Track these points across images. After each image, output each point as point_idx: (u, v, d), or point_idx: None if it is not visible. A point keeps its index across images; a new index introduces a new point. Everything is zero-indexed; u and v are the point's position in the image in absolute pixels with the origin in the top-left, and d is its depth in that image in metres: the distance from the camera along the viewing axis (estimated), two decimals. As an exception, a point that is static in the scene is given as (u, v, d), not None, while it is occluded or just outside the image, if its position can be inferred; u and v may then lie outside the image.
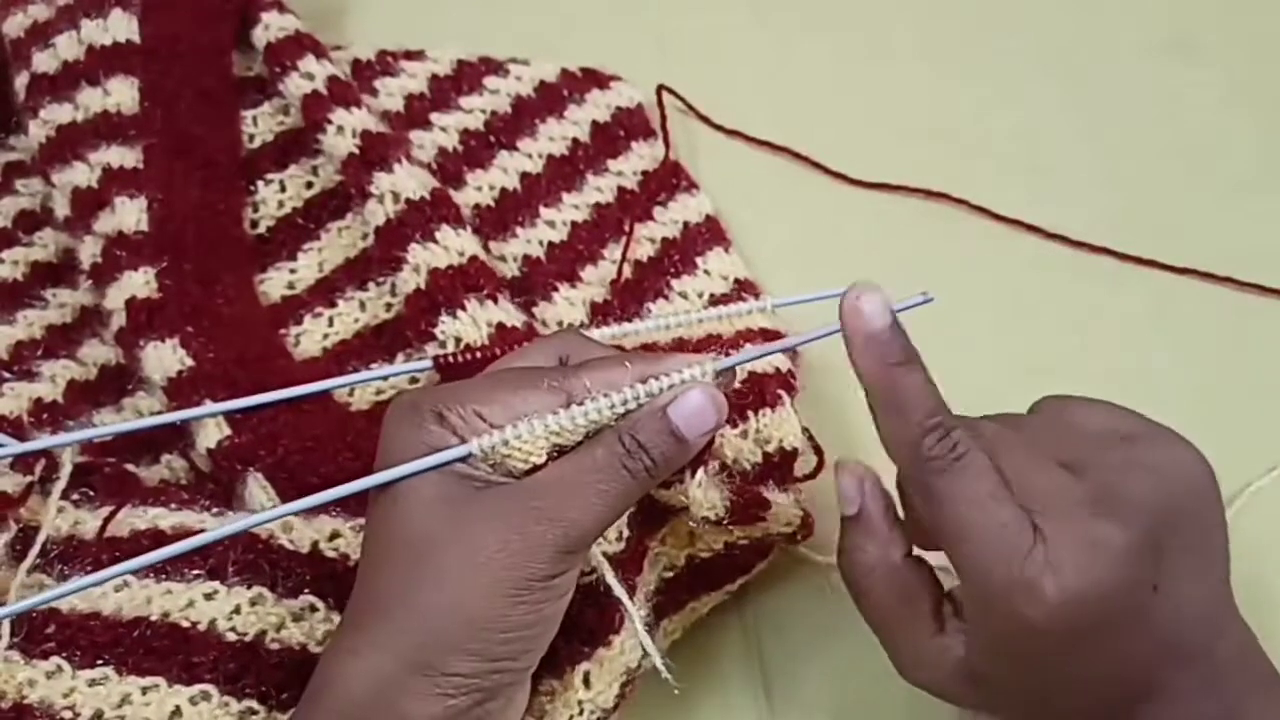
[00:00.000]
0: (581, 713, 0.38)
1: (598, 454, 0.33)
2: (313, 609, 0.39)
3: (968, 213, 0.56)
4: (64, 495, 0.41)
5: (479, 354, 0.43)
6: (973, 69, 0.62)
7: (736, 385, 0.40)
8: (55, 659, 0.37)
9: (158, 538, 0.40)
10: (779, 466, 0.43)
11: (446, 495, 0.33)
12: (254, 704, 0.37)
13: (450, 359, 0.43)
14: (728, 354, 0.45)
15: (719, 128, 0.59)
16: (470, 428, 0.33)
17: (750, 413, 0.41)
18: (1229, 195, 0.57)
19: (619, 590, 0.37)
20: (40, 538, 0.40)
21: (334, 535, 0.40)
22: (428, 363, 0.43)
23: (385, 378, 0.48)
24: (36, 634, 0.37)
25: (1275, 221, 0.56)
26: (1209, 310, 0.53)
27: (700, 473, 0.37)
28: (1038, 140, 0.59)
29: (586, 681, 0.38)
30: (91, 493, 0.43)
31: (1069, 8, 0.64)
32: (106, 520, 0.41)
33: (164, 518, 0.41)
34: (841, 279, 0.43)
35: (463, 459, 0.33)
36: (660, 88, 0.59)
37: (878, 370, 0.34)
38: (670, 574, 0.43)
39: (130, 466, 0.46)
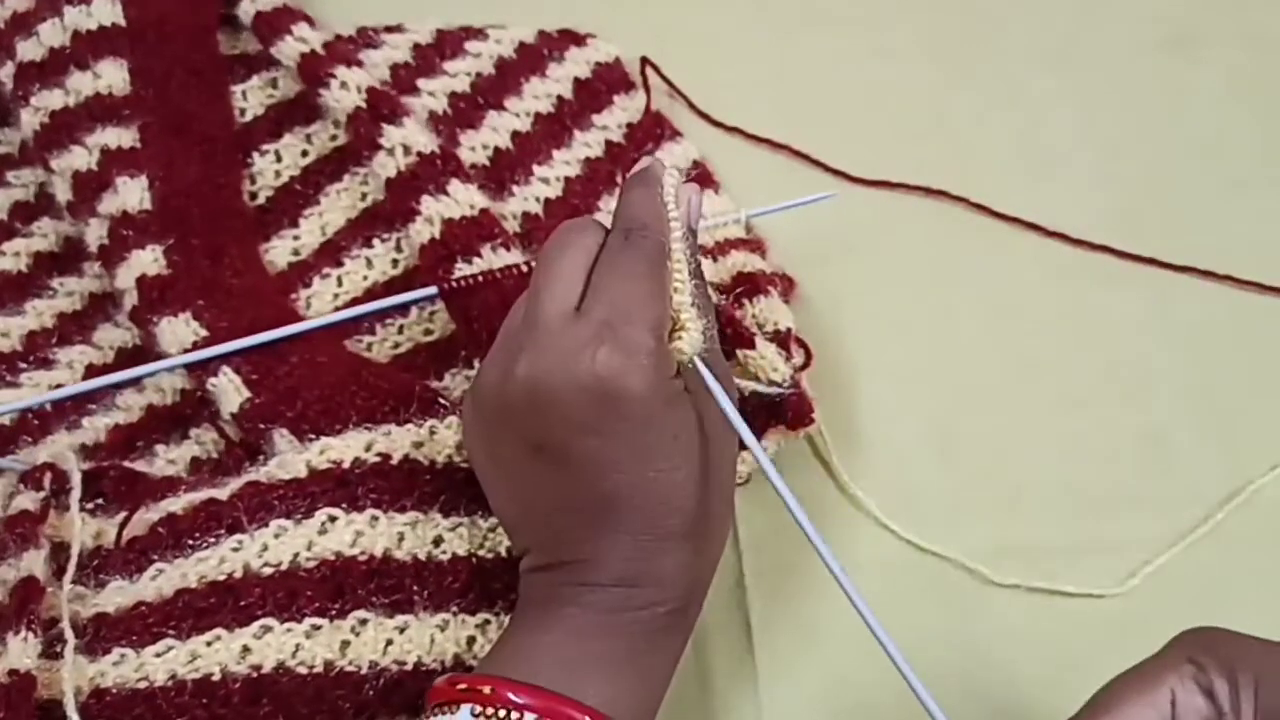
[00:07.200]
0: None
1: (621, 257, 0.37)
2: (331, 519, 0.40)
3: (967, 211, 0.56)
4: (80, 506, 0.42)
5: (481, 278, 0.46)
6: (973, 68, 0.62)
7: (728, 279, 0.49)
8: (117, 650, 0.38)
9: (172, 522, 0.42)
10: (776, 344, 0.46)
11: None
12: (316, 620, 0.39)
13: (455, 284, 0.47)
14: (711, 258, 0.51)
15: (719, 125, 0.59)
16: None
17: (746, 300, 0.48)
18: (1229, 193, 0.57)
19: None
20: (74, 552, 0.41)
21: (325, 449, 0.42)
22: (433, 290, 0.47)
23: (387, 309, 0.50)
24: (93, 639, 0.39)
25: (1275, 219, 0.56)
26: (1209, 309, 0.53)
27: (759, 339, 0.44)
28: (1038, 139, 0.59)
29: None
30: (104, 500, 0.44)
31: (1069, 6, 0.64)
32: (123, 525, 0.43)
33: (174, 503, 0.43)
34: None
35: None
36: (644, 60, 0.60)
37: None
38: None
39: (160, 446, 0.48)
